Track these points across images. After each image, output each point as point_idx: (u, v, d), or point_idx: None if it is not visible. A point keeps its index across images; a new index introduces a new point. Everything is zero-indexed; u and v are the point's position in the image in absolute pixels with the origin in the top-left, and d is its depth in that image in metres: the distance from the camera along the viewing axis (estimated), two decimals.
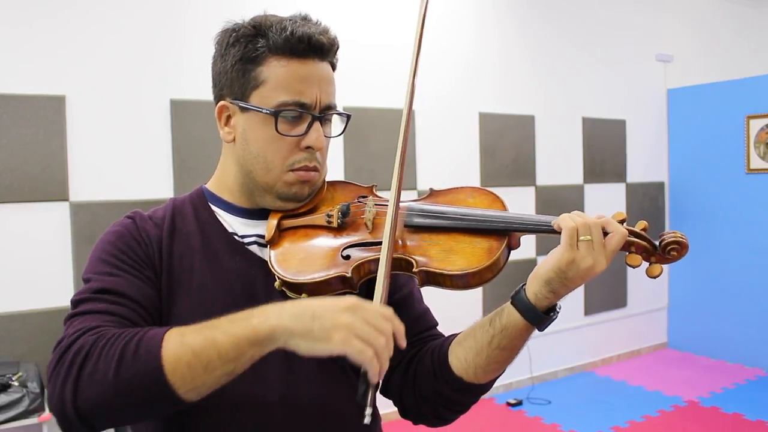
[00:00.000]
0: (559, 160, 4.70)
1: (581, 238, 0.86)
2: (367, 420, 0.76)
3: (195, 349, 0.78)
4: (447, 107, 4.16)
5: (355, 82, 3.73)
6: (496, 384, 3.67)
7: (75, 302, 0.91)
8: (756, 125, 4.78)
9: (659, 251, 0.90)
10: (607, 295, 5.01)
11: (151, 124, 3.18)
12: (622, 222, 0.90)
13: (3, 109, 2.82)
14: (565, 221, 0.87)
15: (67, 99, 2.96)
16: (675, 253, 0.90)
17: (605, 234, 0.88)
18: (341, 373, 1.01)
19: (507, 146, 4.43)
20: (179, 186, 3.21)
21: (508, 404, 4.19)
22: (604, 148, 4.97)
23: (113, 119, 3.08)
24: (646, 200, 5.22)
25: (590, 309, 4.92)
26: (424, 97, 4.00)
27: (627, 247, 0.91)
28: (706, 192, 5.13)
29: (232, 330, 0.79)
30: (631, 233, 0.91)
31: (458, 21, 4.24)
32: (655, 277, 0.90)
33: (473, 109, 4.29)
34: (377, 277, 0.87)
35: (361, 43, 3.79)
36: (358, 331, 0.76)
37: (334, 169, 3.69)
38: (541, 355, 4.55)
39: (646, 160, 5.26)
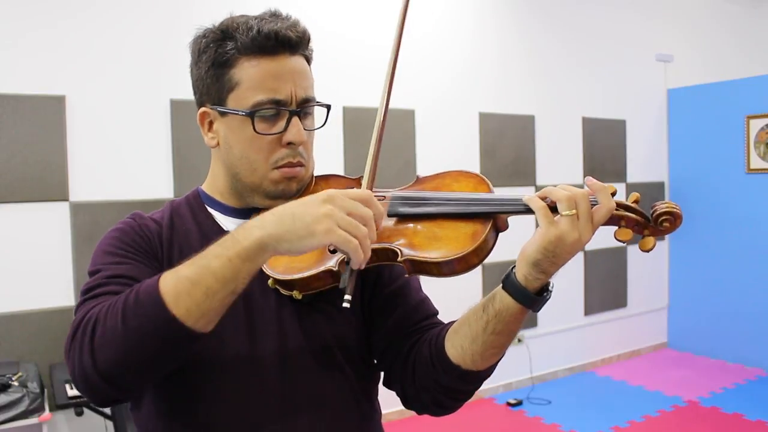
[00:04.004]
0: (559, 160, 4.70)
1: (564, 212, 0.84)
2: (345, 305, 0.80)
3: (192, 279, 0.80)
4: (447, 107, 4.16)
5: (355, 82, 3.73)
6: (496, 384, 3.65)
7: (86, 290, 0.92)
8: (756, 125, 4.78)
9: (651, 223, 0.88)
10: (607, 295, 5.01)
11: (151, 124, 3.18)
12: (612, 195, 0.88)
13: (3, 109, 2.82)
14: (533, 201, 0.87)
15: (67, 99, 2.96)
16: (668, 224, 0.87)
17: (592, 204, 0.86)
18: (335, 364, 1.01)
19: (507, 146, 4.43)
20: (179, 186, 3.21)
21: (508, 404, 4.19)
22: (604, 148, 4.97)
23: (113, 119, 3.08)
24: (646, 200, 5.16)
25: (590, 309, 4.92)
26: (424, 97, 4.00)
27: (617, 221, 0.88)
28: (706, 192, 5.13)
29: (222, 252, 0.80)
30: (623, 206, 0.88)
31: (457, 21, 4.24)
32: (647, 251, 0.87)
33: (473, 108, 4.29)
34: (366, 166, 0.92)
35: (361, 42, 3.79)
36: (340, 221, 0.78)
37: (335, 169, 3.69)
38: (541, 355, 4.55)
39: (646, 160, 5.26)
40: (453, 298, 1.60)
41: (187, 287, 0.79)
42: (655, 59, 5.29)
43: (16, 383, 2.49)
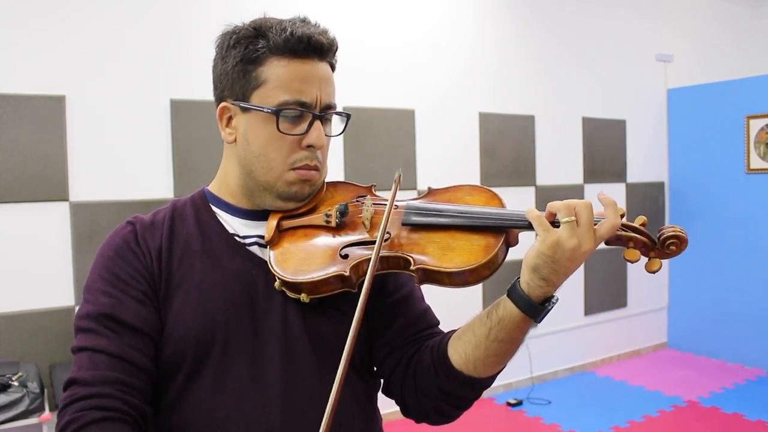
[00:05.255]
0: (559, 160, 4.70)
1: (564, 219, 0.86)
2: None
3: None
4: (447, 107, 4.16)
5: (355, 82, 3.73)
6: (496, 384, 3.65)
7: (77, 328, 0.95)
8: (756, 125, 4.78)
9: (658, 246, 0.90)
10: (607, 295, 5.01)
11: (151, 124, 3.18)
12: (621, 216, 0.90)
13: (3, 109, 2.82)
14: (529, 213, 0.89)
15: (67, 99, 2.96)
16: (674, 248, 0.89)
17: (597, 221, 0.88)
18: (336, 363, 1.00)
19: (507, 146, 4.43)
20: (179, 186, 3.21)
21: (508, 404, 4.20)
22: (604, 148, 4.97)
23: (113, 119, 3.08)
24: (646, 200, 5.23)
25: (590, 309, 4.92)
26: (424, 97, 4.00)
27: (626, 242, 0.90)
28: (706, 192, 5.13)
29: None
30: (630, 228, 0.90)
31: (457, 21, 4.24)
32: (654, 272, 0.90)
33: (473, 109, 4.29)
34: (352, 324, 0.86)
35: (361, 42, 3.79)
36: None
37: (334, 169, 3.68)
38: (541, 355, 4.55)
39: (646, 160, 5.26)
40: (454, 307, 1.60)
41: None
42: (655, 59, 5.29)
43: (16, 383, 2.49)
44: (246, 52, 0.97)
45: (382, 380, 1.10)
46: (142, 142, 3.16)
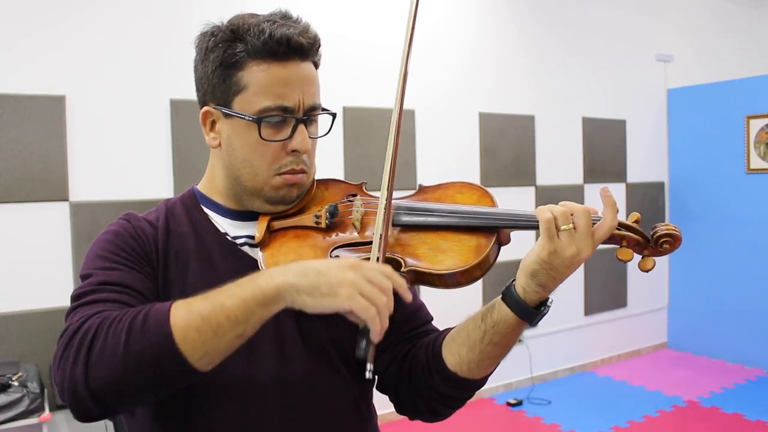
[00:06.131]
0: (559, 160, 4.70)
1: (562, 227, 0.84)
2: (368, 375, 0.81)
3: (203, 315, 0.77)
4: (447, 107, 4.16)
5: (355, 82, 3.73)
6: (496, 384, 3.64)
7: (77, 296, 0.90)
8: (756, 125, 4.78)
9: (652, 244, 0.89)
10: (607, 295, 5.01)
11: (151, 124, 3.18)
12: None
13: (3, 109, 2.82)
14: (541, 213, 0.86)
15: (67, 99, 2.96)
16: (668, 246, 0.88)
17: (594, 222, 0.86)
18: (333, 366, 1.01)
19: (507, 146, 4.43)
20: (179, 186, 3.21)
21: (508, 404, 4.19)
22: (604, 148, 4.97)
23: (113, 119, 3.08)
24: (646, 200, 5.22)
25: (590, 309, 4.92)
26: (424, 97, 4.00)
27: (618, 240, 0.89)
28: (706, 192, 5.13)
29: (239, 292, 0.79)
30: (623, 226, 0.89)
31: (457, 20, 4.24)
32: (647, 271, 0.89)
33: (473, 109, 4.29)
34: (373, 238, 0.88)
35: (361, 42, 3.79)
36: (362, 288, 0.78)
37: (334, 169, 3.70)
38: (541, 355, 4.55)
39: (646, 160, 5.26)
40: (452, 304, 1.60)
41: (198, 322, 0.77)
42: (655, 59, 5.29)
43: (16, 383, 2.49)
44: (224, 56, 0.94)
45: (376, 377, 1.10)
46: (142, 142, 3.16)
